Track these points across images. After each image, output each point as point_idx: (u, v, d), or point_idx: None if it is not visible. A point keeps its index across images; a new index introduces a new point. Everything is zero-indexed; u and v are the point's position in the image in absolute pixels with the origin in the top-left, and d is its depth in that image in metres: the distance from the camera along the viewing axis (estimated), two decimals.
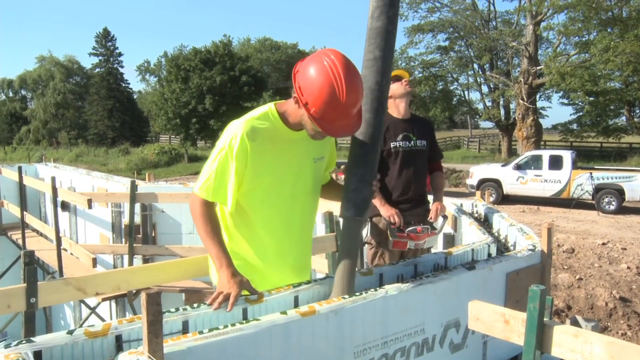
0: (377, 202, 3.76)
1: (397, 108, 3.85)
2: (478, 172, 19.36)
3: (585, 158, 29.45)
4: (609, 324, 7.49)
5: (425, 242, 3.74)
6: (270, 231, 2.27)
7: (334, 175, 2.62)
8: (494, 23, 32.92)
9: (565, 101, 34.06)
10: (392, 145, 3.78)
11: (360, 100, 2.04)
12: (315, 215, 2.49)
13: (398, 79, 3.80)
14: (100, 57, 63.18)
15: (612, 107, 30.71)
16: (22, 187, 8.46)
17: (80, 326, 2.05)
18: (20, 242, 8.64)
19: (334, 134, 2.08)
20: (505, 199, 18.50)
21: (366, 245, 4.04)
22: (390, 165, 3.80)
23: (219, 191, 2.14)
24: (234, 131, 2.11)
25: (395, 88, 3.78)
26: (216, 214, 2.22)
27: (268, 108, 2.21)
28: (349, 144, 2.35)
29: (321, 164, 2.38)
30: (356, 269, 2.21)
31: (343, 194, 2.22)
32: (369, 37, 2.23)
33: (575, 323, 2.51)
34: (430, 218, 3.79)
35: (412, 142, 3.82)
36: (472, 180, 19.13)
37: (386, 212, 3.68)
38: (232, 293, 1.93)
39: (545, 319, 1.65)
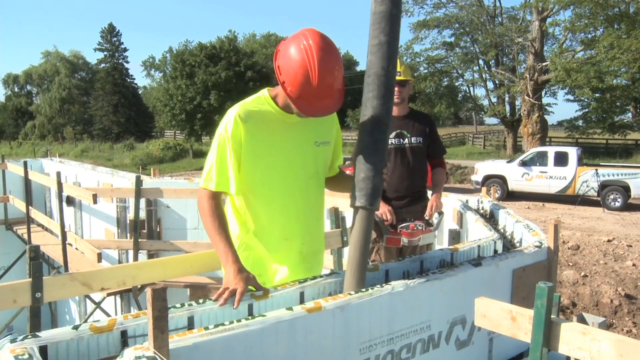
0: None
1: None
2: (483, 168, 19.31)
3: (591, 155, 29.33)
4: (614, 321, 7.47)
5: (420, 239, 3.75)
6: (272, 214, 2.27)
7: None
8: (500, 19, 32.74)
9: (571, 98, 33.85)
10: None
11: (337, 81, 2.06)
12: (323, 200, 2.46)
13: None
14: (105, 53, 63.36)
15: (618, 104, 30.55)
16: (27, 182, 8.49)
17: (85, 321, 2.05)
18: (25, 236, 8.68)
19: (311, 113, 2.11)
20: (510, 196, 18.45)
21: None
22: None
23: (221, 178, 2.17)
24: (228, 116, 2.18)
25: None
26: (223, 209, 2.23)
27: (261, 92, 2.27)
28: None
29: (326, 148, 2.37)
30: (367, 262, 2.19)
31: (353, 183, 2.19)
32: (373, 21, 2.18)
33: (581, 320, 2.49)
34: (426, 215, 3.81)
35: (406, 139, 3.83)
36: (477, 177, 19.08)
37: (379, 209, 3.70)
38: (239, 289, 1.93)
39: (552, 316, 1.64)
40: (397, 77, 3.75)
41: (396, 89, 3.76)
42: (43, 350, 1.57)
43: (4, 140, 59.31)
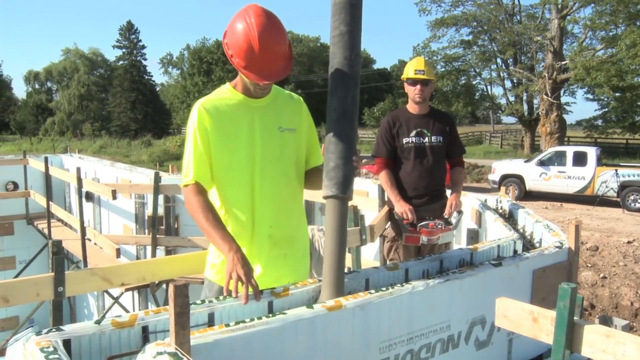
0: (392, 197, 3.82)
1: (412, 106, 3.93)
2: (500, 167, 19.15)
3: (610, 155, 28.92)
4: (634, 324, 7.37)
5: (440, 238, 3.77)
6: (237, 199, 2.30)
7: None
8: (519, 17, 32.40)
9: (590, 97, 33.36)
10: (404, 141, 3.83)
11: (279, 47, 2.15)
12: (299, 186, 2.45)
13: (414, 82, 3.81)
14: (123, 50, 63.78)
15: (639, 103, 30.06)
16: (48, 178, 8.59)
17: (104, 316, 2.07)
18: (45, 231, 8.77)
19: (260, 79, 2.16)
20: (528, 195, 18.27)
21: (384, 238, 4.07)
22: (404, 160, 3.87)
23: (199, 168, 2.22)
24: (193, 110, 2.27)
25: (408, 90, 3.89)
26: (210, 202, 2.25)
27: (222, 86, 2.38)
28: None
29: (291, 135, 2.38)
30: (345, 262, 2.13)
31: (323, 174, 2.17)
32: (334, 12, 2.21)
33: (604, 322, 2.46)
34: (445, 213, 3.81)
35: (426, 137, 3.86)
36: (495, 176, 18.93)
37: (399, 208, 3.77)
38: (242, 272, 1.95)
39: (575, 318, 1.62)
40: (421, 76, 3.78)
41: (418, 87, 3.80)
42: (66, 343, 1.59)
43: (25, 136, 60.11)
